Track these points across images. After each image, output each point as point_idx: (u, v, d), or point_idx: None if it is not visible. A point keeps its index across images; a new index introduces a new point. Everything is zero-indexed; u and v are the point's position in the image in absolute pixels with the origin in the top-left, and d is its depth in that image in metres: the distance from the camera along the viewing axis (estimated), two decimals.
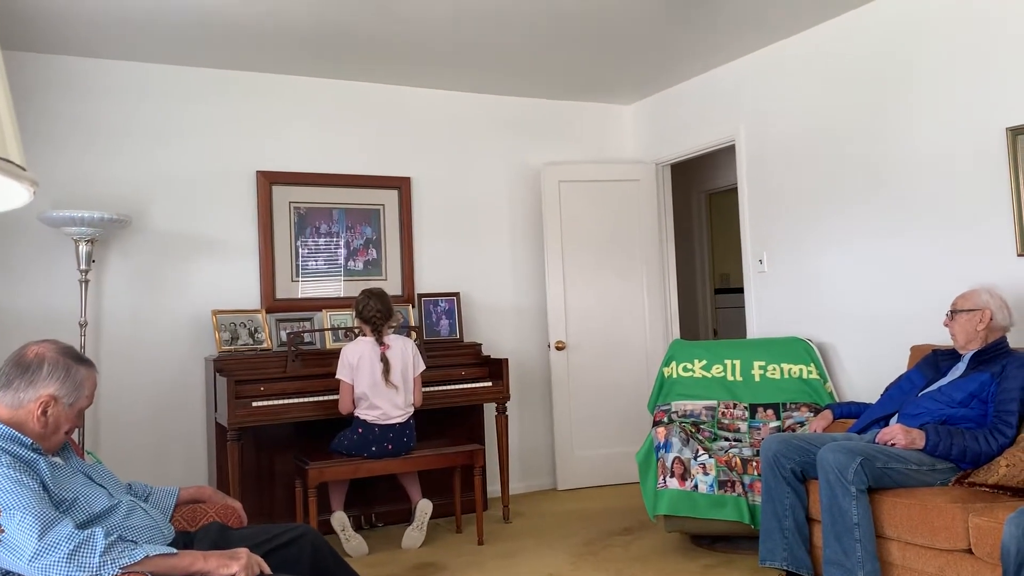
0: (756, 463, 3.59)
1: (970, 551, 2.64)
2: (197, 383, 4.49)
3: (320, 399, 4.11)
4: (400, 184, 5.04)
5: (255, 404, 3.96)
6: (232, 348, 4.34)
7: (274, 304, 4.64)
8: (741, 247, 4.90)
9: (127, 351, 4.35)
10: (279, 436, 4.37)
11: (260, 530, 2.24)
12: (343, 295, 4.82)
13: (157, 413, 4.40)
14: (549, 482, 5.40)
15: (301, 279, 4.75)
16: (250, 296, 4.63)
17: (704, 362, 4.26)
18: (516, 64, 4.79)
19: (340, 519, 3.99)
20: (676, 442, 3.70)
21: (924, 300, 3.85)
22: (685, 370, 4.27)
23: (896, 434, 2.99)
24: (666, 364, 4.33)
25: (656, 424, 3.97)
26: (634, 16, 4.10)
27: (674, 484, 3.64)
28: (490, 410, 4.99)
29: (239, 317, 4.44)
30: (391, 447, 3.95)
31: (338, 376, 3.97)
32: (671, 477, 3.65)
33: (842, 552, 2.88)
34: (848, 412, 3.58)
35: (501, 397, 4.54)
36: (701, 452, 3.65)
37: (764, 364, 4.18)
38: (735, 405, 4.11)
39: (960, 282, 3.66)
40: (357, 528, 4.37)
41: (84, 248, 4.03)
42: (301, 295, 4.74)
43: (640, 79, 5.21)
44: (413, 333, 4.56)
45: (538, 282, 5.44)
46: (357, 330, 4.23)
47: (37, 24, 3.85)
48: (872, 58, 4.07)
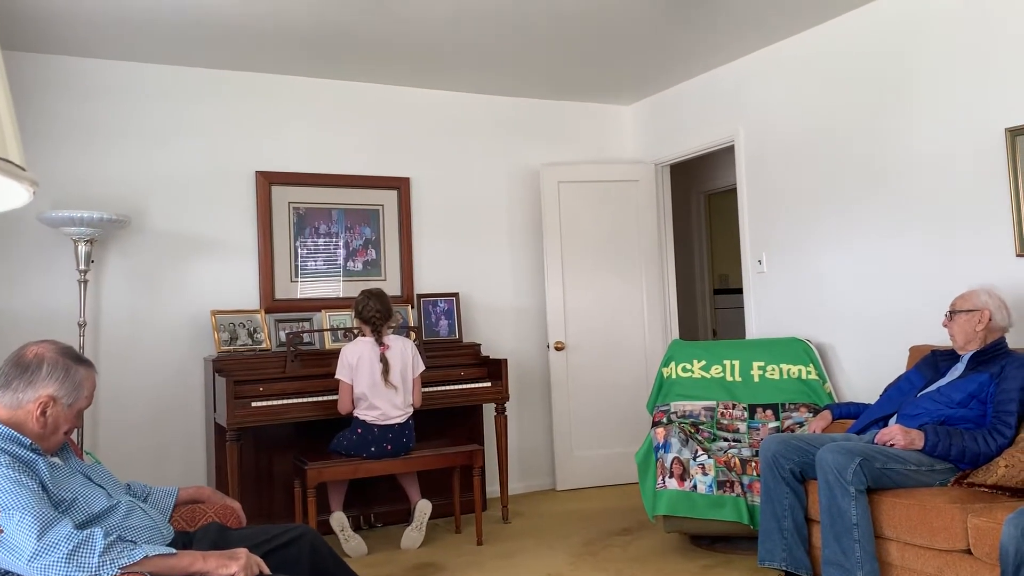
0: (755, 463, 3.59)
1: (969, 551, 2.64)
2: (196, 383, 4.49)
3: (319, 399, 4.11)
4: (399, 184, 5.04)
5: (254, 404, 3.97)
6: (231, 348, 4.34)
7: (273, 304, 4.64)
8: (740, 247, 4.90)
9: (126, 351, 4.35)
10: (278, 436, 4.37)
11: (259, 531, 2.24)
12: (342, 295, 4.82)
13: (156, 413, 4.40)
14: (548, 482, 5.40)
15: (300, 279, 4.75)
16: (249, 296, 4.64)
17: (703, 362, 4.27)
18: (515, 64, 4.79)
19: (339, 519, 3.99)
20: (675, 442, 3.70)
21: (923, 300, 3.85)
22: (684, 370, 4.27)
23: (895, 434, 2.99)
24: (665, 364, 4.33)
25: (655, 424, 3.97)
26: (633, 16, 4.11)
27: (673, 484, 3.64)
28: (489, 410, 4.99)
29: (238, 317, 4.44)
30: (390, 447, 3.95)
31: (337, 376, 3.97)
32: (670, 477, 3.65)
33: (841, 552, 2.88)
34: (847, 413, 3.58)
35: (500, 397, 4.54)
36: (700, 452, 3.66)
37: (763, 364, 4.18)
38: (734, 405, 4.11)
39: (959, 282, 3.67)
40: (356, 528, 4.37)
41: (83, 248, 4.03)
42: (300, 295, 4.74)
43: (639, 79, 5.22)
44: (412, 333, 4.56)
45: (537, 282, 5.44)
46: (356, 330, 4.24)
47: (36, 24, 3.85)
48: (871, 58, 4.07)
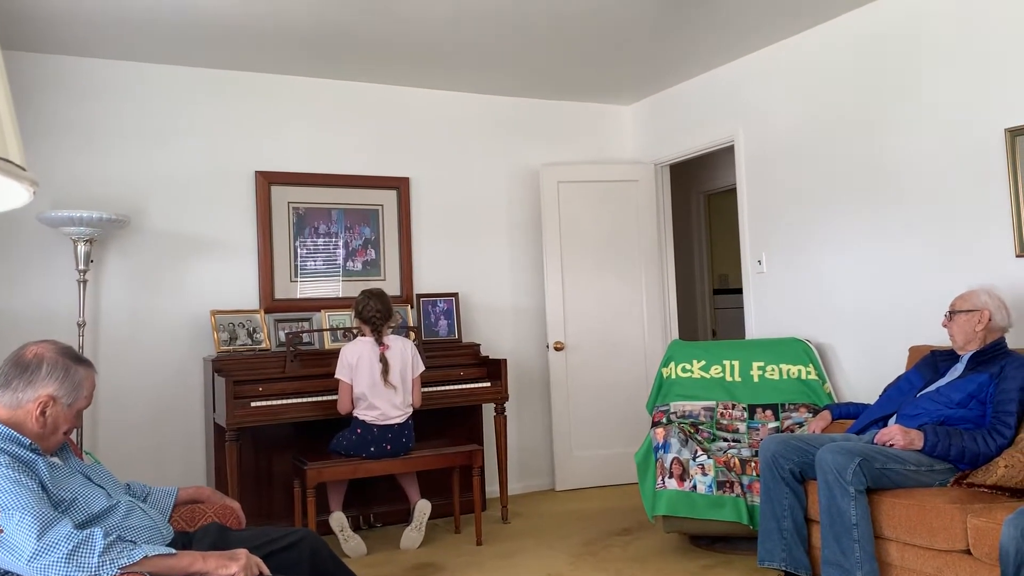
0: (755, 464, 3.59)
1: (968, 552, 2.64)
2: (196, 383, 4.49)
3: (319, 399, 4.11)
4: (399, 184, 5.04)
5: (254, 404, 3.96)
6: (231, 348, 4.34)
7: (273, 304, 4.63)
8: (740, 248, 4.90)
9: (125, 351, 4.35)
10: (278, 436, 4.37)
11: (259, 533, 2.23)
12: (342, 295, 4.82)
13: (155, 413, 4.39)
14: (548, 482, 5.40)
15: (300, 279, 4.75)
16: (249, 296, 4.63)
17: (703, 363, 4.27)
18: (515, 64, 4.79)
19: (339, 519, 3.99)
20: (675, 443, 3.70)
21: (923, 301, 3.85)
22: (684, 371, 4.27)
23: (895, 435, 2.99)
24: (665, 364, 4.33)
25: (655, 425, 3.97)
26: (633, 16, 4.11)
27: (673, 485, 3.64)
28: (489, 410, 4.98)
29: (238, 317, 4.43)
30: (390, 447, 3.95)
31: (337, 376, 3.97)
32: (670, 478, 3.65)
33: (840, 552, 2.88)
34: (847, 413, 3.58)
35: (500, 397, 4.54)
36: (700, 453, 3.66)
37: (763, 365, 4.19)
38: (734, 406, 4.11)
39: (959, 282, 3.67)
40: (356, 528, 4.37)
41: (82, 248, 4.03)
42: (300, 295, 4.74)
43: (639, 79, 5.22)
44: (411, 333, 4.55)
45: (537, 282, 5.44)
46: (356, 330, 4.23)
47: (36, 24, 3.85)
48: (871, 58, 4.07)
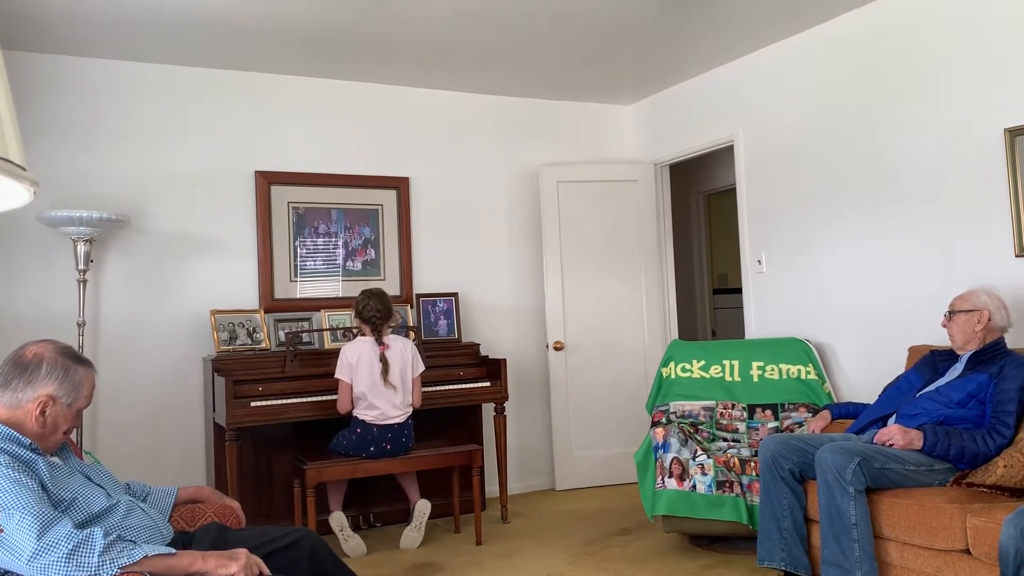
0: (754, 463, 3.59)
1: (968, 551, 2.64)
2: (195, 383, 4.49)
3: (318, 399, 4.11)
4: (399, 184, 5.04)
5: (253, 404, 3.96)
6: (230, 348, 4.34)
7: (272, 304, 4.63)
8: (740, 247, 4.90)
9: (125, 351, 4.35)
10: (277, 436, 4.37)
11: (259, 532, 2.24)
12: (341, 295, 4.82)
13: (155, 413, 4.39)
14: (547, 482, 5.40)
15: (299, 279, 4.75)
16: (248, 296, 4.63)
17: (702, 362, 4.27)
18: (515, 64, 4.79)
19: (338, 519, 3.99)
20: (674, 442, 3.70)
21: (922, 301, 3.86)
22: (683, 370, 4.27)
23: (894, 434, 2.99)
24: (664, 364, 4.33)
25: (654, 424, 3.97)
26: (633, 16, 4.11)
27: (672, 484, 3.64)
28: (488, 410, 4.98)
29: (237, 317, 4.43)
30: (389, 447, 3.95)
31: (337, 375, 3.97)
32: (669, 477, 3.65)
33: (840, 552, 2.88)
34: (846, 412, 3.58)
35: (499, 397, 4.54)
36: (699, 452, 3.66)
37: (762, 364, 4.19)
38: (733, 405, 4.11)
39: (958, 282, 3.67)
40: (355, 528, 4.37)
41: (82, 248, 4.03)
42: (299, 295, 4.74)
43: (639, 79, 5.22)
44: (411, 333, 4.56)
45: (536, 282, 5.44)
46: (356, 330, 4.23)
47: (36, 24, 3.85)
48: (870, 58, 4.07)
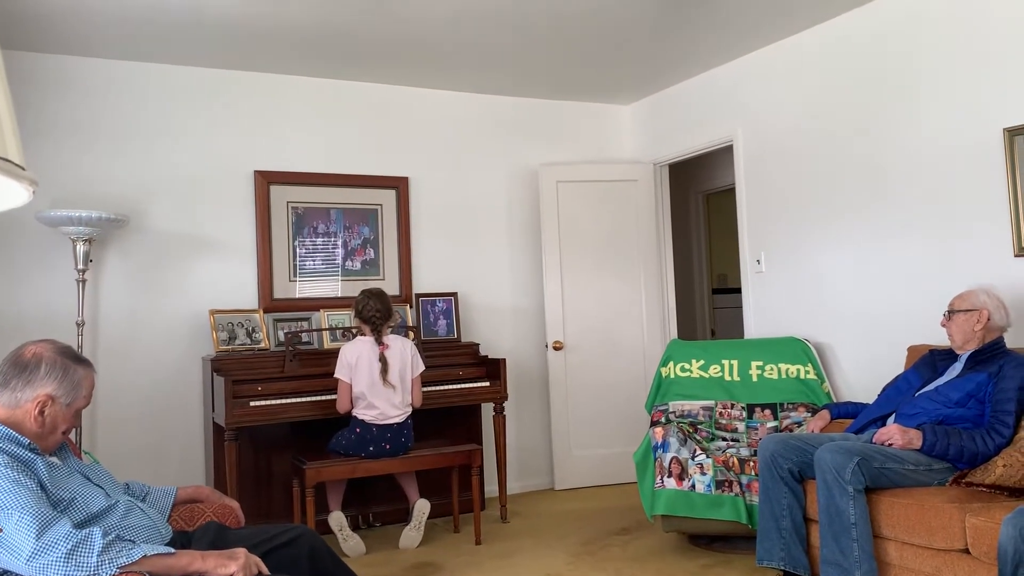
0: (753, 463, 3.59)
1: (967, 551, 2.64)
2: (195, 383, 4.49)
3: (318, 399, 4.11)
4: (398, 184, 5.04)
5: (253, 404, 3.96)
6: (230, 348, 4.34)
7: (272, 304, 4.63)
8: (739, 247, 4.91)
9: (124, 351, 4.35)
10: (277, 436, 4.37)
11: (258, 531, 2.24)
12: (341, 295, 4.82)
13: (154, 413, 4.39)
14: (547, 482, 5.40)
15: (299, 279, 4.75)
16: (248, 296, 4.63)
17: (702, 362, 4.27)
18: (514, 64, 4.79)
19: (338, 519, 3.99)
20: (674, 442, 3.71)
21: (921, 300, 3.86)
22: (683, 370, 4.27)
23: (893, 434, 2.99)
24: (664, 364, 4.33)
25: (654, 424, 3.97)
26: (632, 16, 4.11)
27: (672, 484, 3.64)
28: (488, 410, 4.98)
29: (237, 317, 4.43)
30: (389, 447, 3.95)
31: (336, 375, 3.97)
32: (669, 477, 3.66)
33: (839, 552, 2.88)
34: (845, 412, 3.58)
35: (499, 397, 4.54)
36: (699, 452, 3.66)
37: (762, 364, 4.19)
38: (733, 405, 4.11)
39: (957, 282, 3.67)
40: (355, 528, 4.37)
41: (82, 248, 4.03)
42: (299, 295, 4.73)
43: (638, 79, 5.22)
44: (410, 333, 4.55)
45: (536, 282, 5.44)
46: (355, 330, 4.23)
47: (35, 23, 3.85)
48: (869, 58, 4.07)
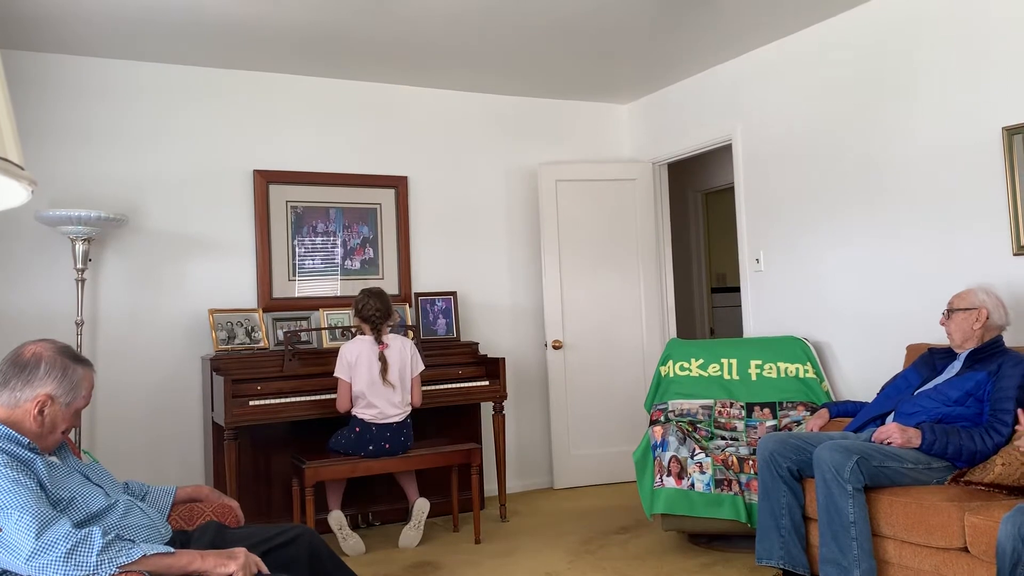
0: (753, 462, 3.59)
1: (966, 549, 2.65)
2: (194, 382, 4.49)
3: (317, 398, 4.11)
4: (397, 183, 5.04)
5: (252, 403, 3.97)
6: (229, 347, 4.33)
7: (271, 303, 4.63)
8: (738, 246, 4.91)
9: (124, 350, 4.35)
10: (276, 435, 4.37)
11: (257, 530, 2.24)
12: (340, 294, 4.82)
13: (154, 412, 4.39)
14: (546, 481, 5.40)
15: (298, 278, 4.75)
16: (247, 295, 4.63)
17: (701, 361, 4.27)
18: (513, 63, 4.79)
19: (337, 518, 3.99)
20: (673, 441, 3.71)
21: (920, 299, 3.86)
22: (682, 369, 4.27)
23: (892, 433, 2.99)
24: (663, 363, 4.33)
25: (653, 423, 3.97)
26: (631, 15, 4.11)
27: (671, 483, 3.64)
28: (487, 409, 4.99)
29: (236, 316, 4.43)
30: (388, 446, 3.95)
31: (336, 374, 3.97)
32: (668, 476, 3.66)
33: (838, 550, 2.89)
34: (844, 411, 3.59)
35: (498, 396, 4.54)
36: (698, 451, 3.66)
37: (761, 363, 4.19)
38: (732, 404, 4.11)
39: (956, 281, 3.67)
40: (354, 527, 4.37)
41: (81, 247, 4.03)
42: (298, 294, 4.73)
43: (637, 78, 5.22)
44: (410, 332, 4.56)
45: (535, 281, 5.44)
46: (355, 329, 4.23)
47: (34, 23, 3.85)
48: (868, 58, 4.07)
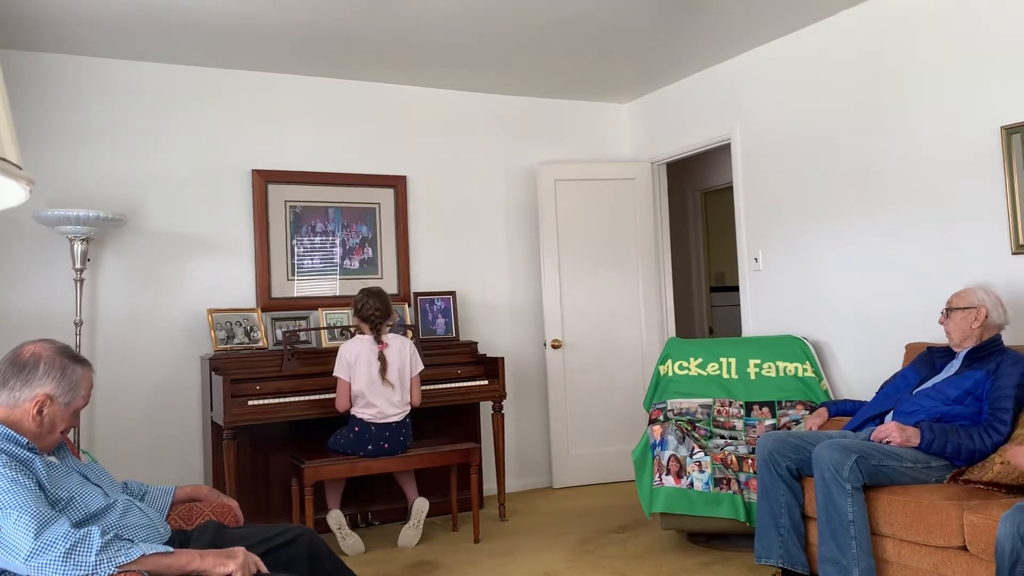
0: (752, 461, 3.60)
1: (965, 548, 2.65)
2: (193, 382, 4.49)
3: (316, 398, 4.11)
4: (396, 183, 5.03)
5: (251, 403, 3.97)
6: (228, 347, 4.33)
7: (270, 303, 4.63)
8: (736, 245, 4.91)
9: (123, 350, 4.34)
10: (275, 435, 4.36)
11: (257, 530, 2.24)
12: (339, 294, 4.82)
13: (153, 412, 4.39)
14: (545, 480, 5.40)
15: (297, 278, 4.74)
16: (246, 295, 4.63)
17: (700, 360, 4.27)
18: (512, 63, 4.79)
19: (336, 518, 3.99)
20: (672, 440, 3.71)
21: (919, 298, 3.86)
22: (681, 368, 4.27)
23: (891, 432, 2.99)
24: (662, 362, 4.33)
25: (652, 422, 3.97)
26: (630, 15, 4.11)
27: (670, 482, 3.65)
28: (486, 408, 4.98)
29: (235, 316, 4.43)
30: (388, 445, 3.95)
31: (335, 374, 3.97)
32: (667, 475, 3.66)
33: (837, 549, 2.89)
34: (843, 410, 3.59)
35: (497, 395, 4.54)
36: (697, 450, 3.66)
37: (759, 362, 4.19)
38: (731, 403, 4.12)
39: (955, 280, 3.68)
40: (353, 527, 4.37)
41: (79, 247, 4.03)
42: (297, 294, 4.73)
43: (636, 78, 5.22)
44: (409, 332, 4.56)
45: (534, 280, 5.44)
46: (354, 328, 4.23)
47: (34, 23, 3.84)
48: (867, 57, 4.08)
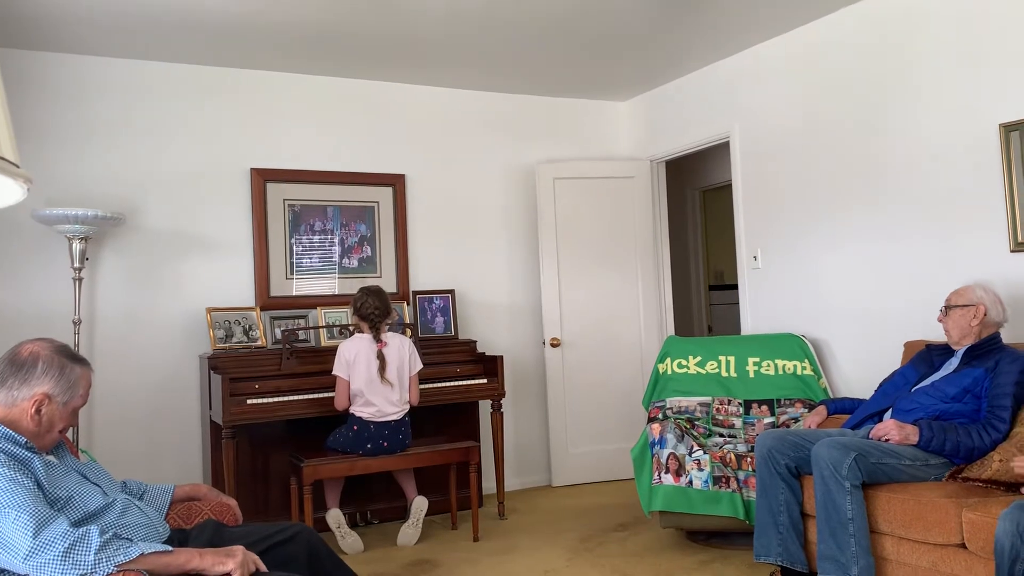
0: (751, 459, 3.60)
1: (964, 546, 2.65)
2: (192, 381, 4.49)
3: (315, 396, 4.11)
4: (395, 181, 5.03)
5: (250, 402, 3.96)
6: (227, 346, 4.33)
7: (268, 302, 4.63)
8: (735, 243, 4.91)
9: (121, 349, 4.34)
10: (274, 434, 4.36)
11: (256, 529, 2.24)
12: (337, 292, 4.81)
13: (152, 411, 4.39)
14: (544, 479, 5.40)
15: (295, 277, 4.74)
16: (244, 294, 4.63)
17: (698, 358, 4.27)
18: (511, 61, 4.78)
19: (335, 516, 3.99)
20: (671, 438, 3.71)
21: (918, 296, 3.86)
22: (680, 366, 4.27)
23: (890, 429, 3.00)
24: (661, 360, 4.33)
25: (651, 420, 3.97)
26: (629, 13, 4.10)
27: (669, 480, 3.65)
28: (485, 407, 4.98)
29: (233, 315, 4.43)
30: (387, 444, 3.95)
31: (335, 372, 3.97)
32: (666, 473, 3.66)
33: (836, 547, 2.89)
34: (842, 408, 3.59)
35: (496, 394, 4.54)
36: (696, 448, 3.66)
37: (758, 360, 4.19)
38: (730, 401, 4.12)
39: (954, 278, 3.68)
40: (353, 525, 4.37)
41: (78, 246, 4.02)
42: (295, 292, 4.73)
43: (635, 76, 5.21)
44: (408, 330, 4.55)
45: (533, 279, 5.44)
46: (353, 327, 4.23)
47: (33, 22, 3.83)
48: (865, 55, 4.07)
